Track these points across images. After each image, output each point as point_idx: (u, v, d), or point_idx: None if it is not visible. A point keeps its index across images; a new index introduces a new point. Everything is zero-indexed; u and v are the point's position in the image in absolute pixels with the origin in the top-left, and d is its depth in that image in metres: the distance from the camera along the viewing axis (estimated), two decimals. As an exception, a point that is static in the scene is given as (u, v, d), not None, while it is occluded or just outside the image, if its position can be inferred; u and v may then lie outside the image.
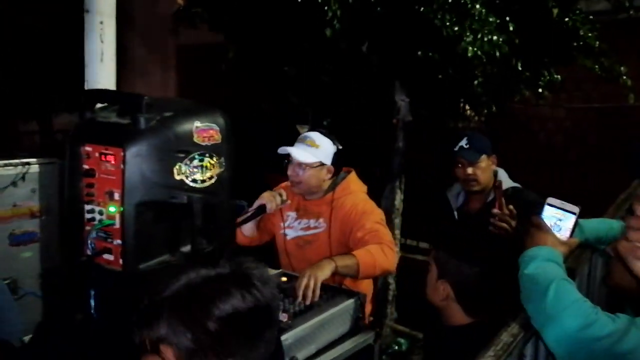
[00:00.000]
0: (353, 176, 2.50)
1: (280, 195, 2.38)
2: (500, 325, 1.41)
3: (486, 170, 2.50)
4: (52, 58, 6.88)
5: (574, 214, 1.53)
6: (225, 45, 4.63)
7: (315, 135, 2.38)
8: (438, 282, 1.63)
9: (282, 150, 2.37)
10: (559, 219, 1.54)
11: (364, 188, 2.53)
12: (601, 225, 1.89)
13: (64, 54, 6.28)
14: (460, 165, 2.51)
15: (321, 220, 2.43)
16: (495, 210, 2.12)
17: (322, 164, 2.37)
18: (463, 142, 2.50)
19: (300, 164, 2.35)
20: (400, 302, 4.56)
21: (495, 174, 2.56)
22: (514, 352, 1.35)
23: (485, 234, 2.41)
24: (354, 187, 2.47)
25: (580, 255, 1.80)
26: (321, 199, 2.45)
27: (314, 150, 2.34)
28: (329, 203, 2.42)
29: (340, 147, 2.40)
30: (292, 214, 2.52)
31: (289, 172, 2.40)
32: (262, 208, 2.34)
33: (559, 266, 1.43)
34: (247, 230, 2.51)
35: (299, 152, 2.34)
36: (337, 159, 2.40)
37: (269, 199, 2.35)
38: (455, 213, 2.66)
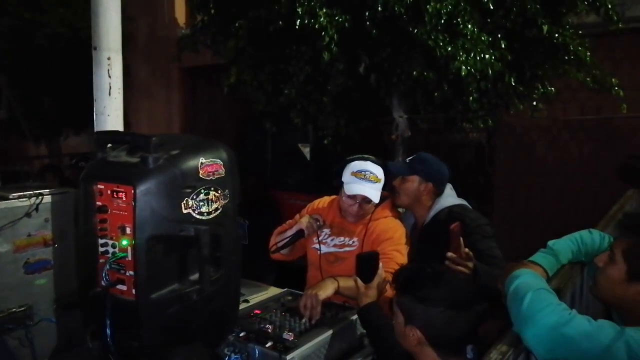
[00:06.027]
0: (390, 201, 2.52)
1: (318, 220, 2.42)
2: None
3: (409, 189, 2.43)
4: (62, 85, 7.02)
5: None
6: (226, 67, 4.74)
7: (374, 169, 2.36)
8: (406, 328, 1.50)
9: (356, 191, 2.32)
10: None
11: (399, 214, 2.54)
12: (573, 245, 1.87)
13: (73, 81, 6.41)
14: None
15: (355, 239, 2.45)
16: (449, 254, 1.97)
17: None
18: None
19: (365, 198, 2.34)
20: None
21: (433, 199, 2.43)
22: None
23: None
24: (390, 211, 2.48)
25: (569, 270, 1.86)
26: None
27: (378, 186, 2.35)
28: (365, 224, 2.43)
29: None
30: (326, 230, 2.53)
31: (349, 204, 2.39)
32: (300, 233, 2.38)
33: (541, 280, 1.51)
34: (283, 250, 2.53)
35: (372, 193, 2.32)
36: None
37: (307, 225, 2.39)
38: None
